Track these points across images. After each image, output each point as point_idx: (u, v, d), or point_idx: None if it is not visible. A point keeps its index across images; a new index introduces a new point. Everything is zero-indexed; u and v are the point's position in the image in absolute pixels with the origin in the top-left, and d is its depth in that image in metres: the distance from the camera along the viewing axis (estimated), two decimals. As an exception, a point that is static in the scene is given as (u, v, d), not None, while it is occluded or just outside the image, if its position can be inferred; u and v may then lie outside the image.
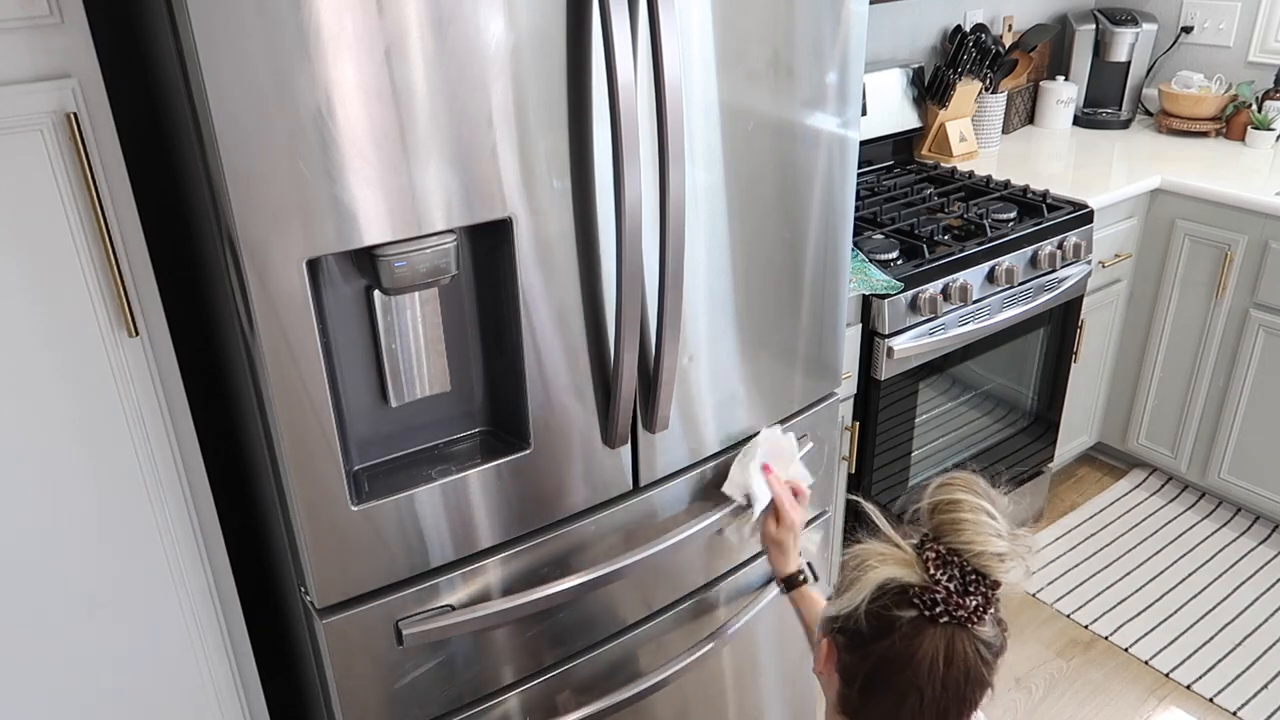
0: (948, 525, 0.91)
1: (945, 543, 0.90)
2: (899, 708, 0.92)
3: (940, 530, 0.91)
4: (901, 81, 2.59)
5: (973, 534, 0.90)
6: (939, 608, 0.89)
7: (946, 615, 0.89)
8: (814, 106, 1.40)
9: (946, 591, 0.89)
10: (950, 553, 0.90)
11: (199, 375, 1.33)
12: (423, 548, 1.24)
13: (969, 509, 0.91)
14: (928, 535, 0.93)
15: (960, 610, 0.89)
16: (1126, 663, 2.24)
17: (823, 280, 1.54)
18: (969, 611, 0.89)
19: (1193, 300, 2.55)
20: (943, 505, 0.92)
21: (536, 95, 1.12)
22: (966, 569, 0.89)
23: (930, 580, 0.89)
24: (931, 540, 0.91)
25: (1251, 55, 2.89)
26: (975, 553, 0.89)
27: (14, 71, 1.00)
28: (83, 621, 1.22)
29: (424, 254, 1.11)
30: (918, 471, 2.24)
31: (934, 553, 0.90)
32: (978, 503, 0.91)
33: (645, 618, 1.54)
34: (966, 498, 0.91)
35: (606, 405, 1.33)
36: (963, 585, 0.89)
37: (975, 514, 0.91)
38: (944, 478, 0.95)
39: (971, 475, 0.95)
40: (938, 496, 0.93)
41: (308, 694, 1.43)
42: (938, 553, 0.90)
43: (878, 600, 0.91)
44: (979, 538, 0.89)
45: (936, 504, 0.93)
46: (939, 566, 0.89)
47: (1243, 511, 2.71)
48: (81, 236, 1.08)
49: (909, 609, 0.90)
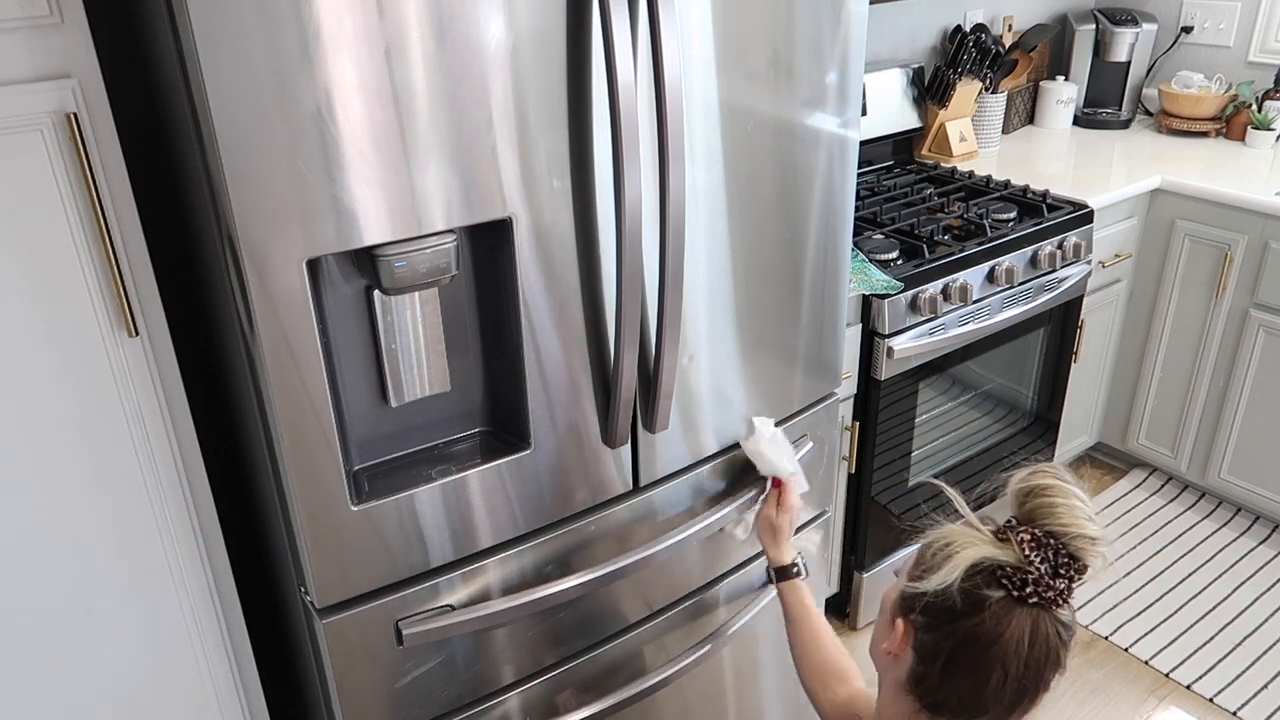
0: (1043, 509, 0.92)
1: (1041, 525, 0.92)
2: (982, 685, 0.93)
3: (1035, 514, 0.93)
4: (901, 81, 2.59)
5: (1070, 517, 0.91)
6: (1029, 589, 0.90)
7: (1036, 596, 0.90)
8: (814, 106, 1.40)
9: (1039, 573, 0.90)
10: (1047, 535, 0.91)
11: (199, 375, 1.33)
12: (423, 548, 1.24)
13: (1062, 494, 0.93)
14: (1015, 521, 0.94)
15: (1050, 591, 0.91)
16: (1126, 663, 2.24)
17: (823, 280, 1.54)
18: (1057, 593, 0.91)
19: (1193, 300, 2.55)
20: (1037, 490, 0.94)
21: (536, 95, 1.12)
22: (1060, 552, 0.91)
23: (1024, 561, 0.91)
24: (1023, 524, 0.93)
25: (1251, 55, 2.89)
26: (1073, 535, 0.91)
27: (14, 71, 1.00)
28: (83, 621, 1.22)
29: (424, 254, 1.11)
30: (918, 471, 2.24)
31: (1029, 534, 0.92)
32: (1070, 488, 0.93)
33: (645, 618, 1.54)
34: (1059, 483, 0.93)
35: (606, 405, 1.33)
36: (1054, 568, 0.91)
37: (1069, 498, 0.92)
38: (1029, 469, 0.97)
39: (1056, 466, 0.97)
40: (1029, 483, 0.94)
41: (308, 694, 1.43)
42: (1033, 535, 0.91)
43: (969, 579, 0.93)
44: (1076, 520, 0.91)
45: (1029, 489, 0.94)
46: (1034, 548, 0.91)
47: (1243, 511, 2.71)
48: (81, 236, 1.08)
49: (998, 589, 0.91)
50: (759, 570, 1.68)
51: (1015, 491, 0.96)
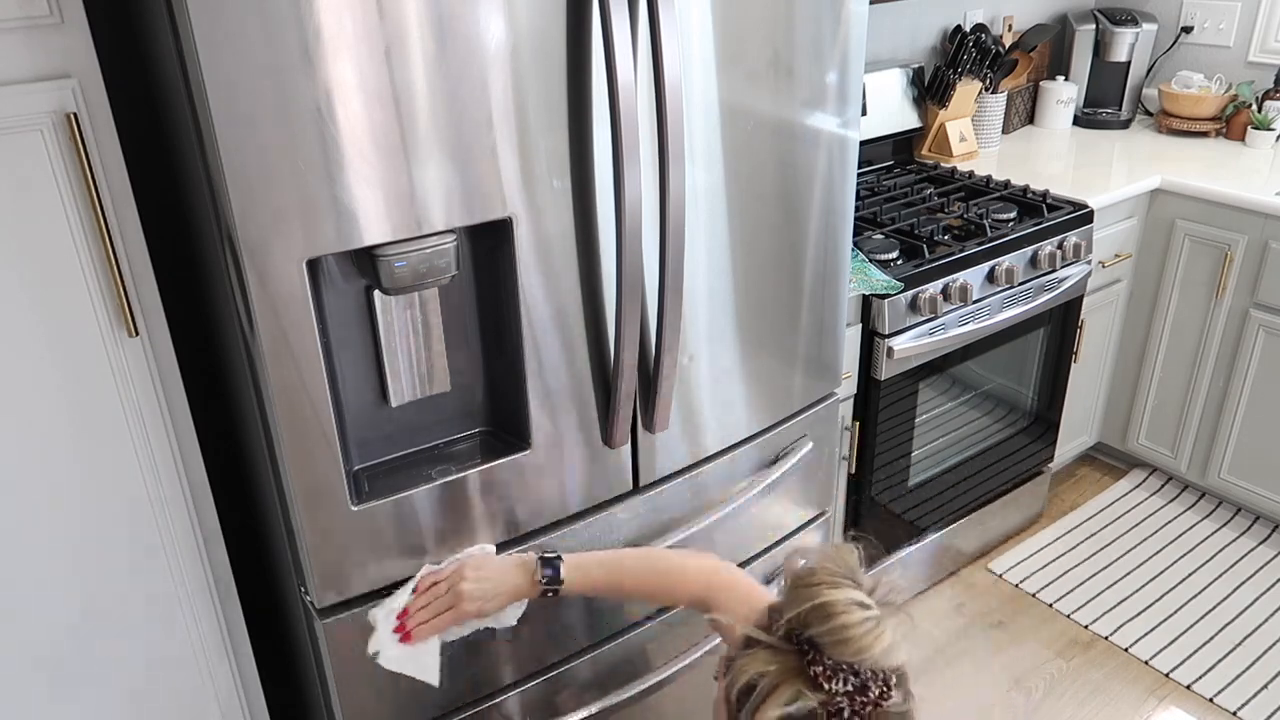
0: (827, 638, 0.87)
1: (832, 656, 0.86)
2: None
3: (820, 642, 0.87)
4: (901, 81, 2.59)
5: (857, 643, 0.86)
6: (845, 712, 0.86)
7: (855, 716, 0.87)
8: (814, 106, 1.40)
9: (848, 697, 0.86)
10: (841, 664, 0.86)
11: (199, 375, 1.33)
12: (423, 548, 1.24)
13: (841, 610, 0.87)
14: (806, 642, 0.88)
15: (867, 704, 0.87)
16: (1126, 663, 2.24)
17: (823, 280, 1.54)
18: (873, 699, 0.87)
19: (1193, 300, 2.55)
20: (813, 613, 0.88)
21: (536, 95, 1.12)
22: (861, 673, 0.87)
23: (829, 695, 0.86)
24: (813, 650, 0.87)
25: (1251, 55, 2.89)
26: (868, 662, 0.87)
27: (14, 71, 1.00)
28: (82, 621, 1.22)
29: (424, 254, 1.11)
30: (918, 471, 2.24)
31: (823, 666, 0.86)
32: (845, 597, 0.88)
33: (645, 618, 1.54)
34: (835, 597, 0.88)
35: (606, 405, 1.33)
36: (860, 684, 0.87)
37: (849, 613, 0.87)
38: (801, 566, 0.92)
39: (825, 552, 0.92)
40: (803, 602, 0.89)
41: (308, 694, 1.43)
42: (826, 666, 0.86)
43: None
44: (865, 641, 0.86)
45: (805, 613, 0.88)
46: (830, 679, 0.86)
47: (1243, 511, 2.71)
48: (81, 236, 1.08)
49: None
50: (759, 570, 1.68)
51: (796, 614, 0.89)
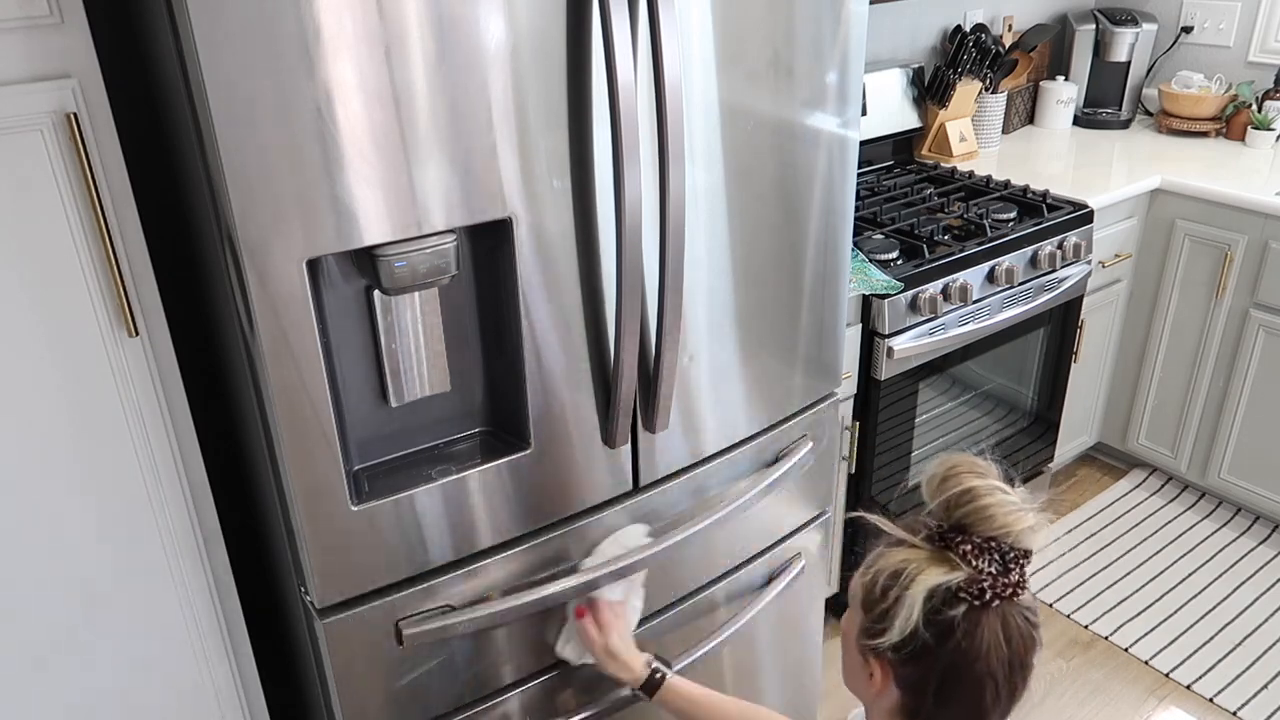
0: (974, 516, 0.91)
1: (978, 533, 0.91)
2: (979, 701, 0.93)
3: (966, 522, 0.92)
4: (901, 81, 2.59)
5: (1003, 519, 0.91)
6: (989, 594, 0.90)
7: (996, 598, 0.91)
8: (814, 106, 1.40)
9: (991, 578, 0.90)
10: (986, 541, 0.91)
11: (199, 375, 1.33)
12: (423, 548, 1.24)
13: (987, 493, 0.91)
14: (947, 528, 0.93)
15: (1007, 589, 0.91)
16: (1126, 663, 2.24)
17: (823, 280, 1.54)
18: (1014, 586, 0.91)
19: (1193, 300, 2.55)
20: (959, 498, 0.92)
21: (536, 95, 1.12)
22: (1005, 551, 0.91)
23: (973, 572, 0.90)
24: (959, 533, 0.92)
25: (1251, 55, 2.89)
26: (1012, 535, 0.91)
27: (14, 71, 1.00)
28: (82, 621, 1.22)
29: (424, 254, 1.11)
30: (918, 471, 2.24)
31: (970, 545, 0.91)
32: (991, 484, 0.92)
33: (645, 617, 1.54)
34: (978, 483, 0.92)
35: (606, 405, 1.33)
36: (1003, 566, 0.91)
37: (993, 495, 0.91)
38: (941, 467, 0.95)
39: (966, 456, 0.96)
40: (949, 490, 0.93)
41: (308, 694, 1.43)
42: (974, 544, 0.91)
43: (929, 609, 0.92)
44: (1009, 519, 0.91)
45: (951, 498, 0.93)
46: (978, 556, 0.91)
47: (1243, 511, 2.71)
48: (81, 236, 1.08)
49: (959, 605, 0.91)
50: (759, 570, 1.68)
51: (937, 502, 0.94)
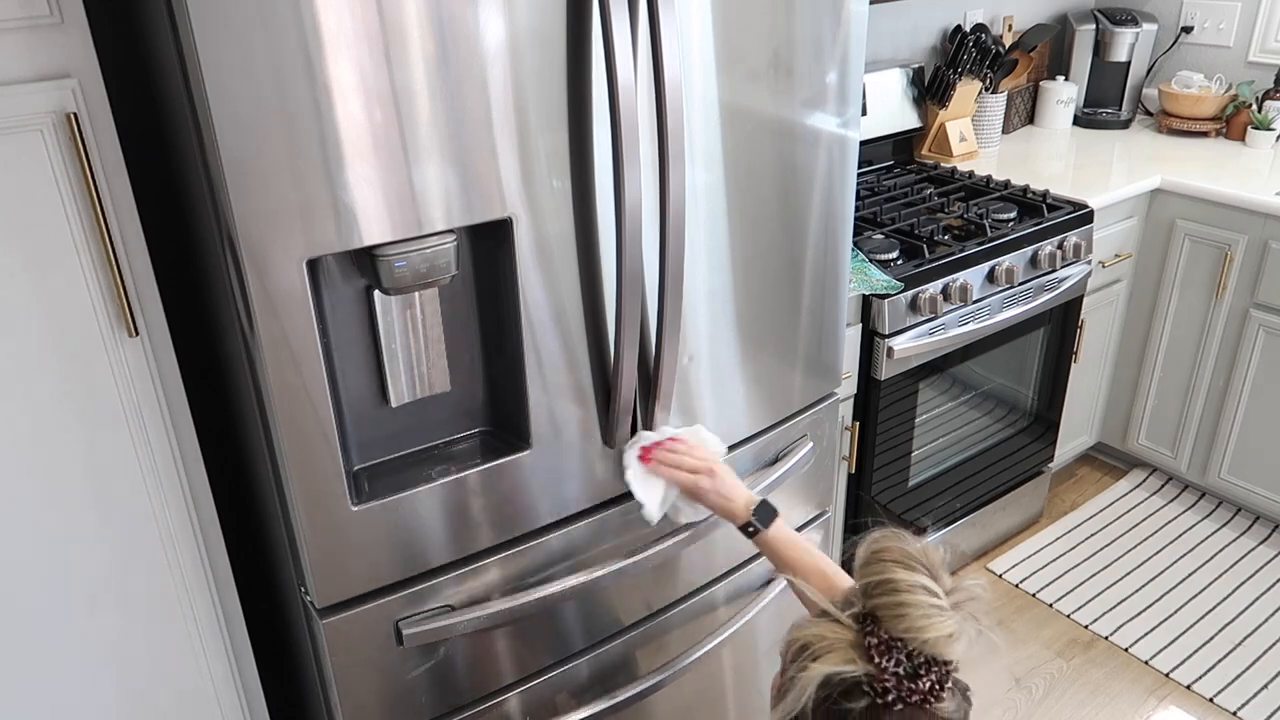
0: (886, 610, 0.85)
1: (887, 629, 0.84)
2: None
3: (879, 616, 0.85)
4: (901, 81, 2.59)
5: (915, 619, 0.83)
6: (890, 695, 0.83)
7: (900, 702, 0.83)
8: (814, 106, 1.40)
9: (896, 678, 0.83)
10: (894, 640, 0.84)
11: (199, 375, 1.33)
12: (423, 548, 1.24)
13: (905, 588, 0.84)
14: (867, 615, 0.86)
15: (914, 695, 0.84)
16: (1126, 663, 2.24)
17: (823, 280, 1.54)
18: (923, 693, 0.84)
19: (1193, 300, 2.55)
20: (877, 586, 0.86)
21: (536, 95, 1.12)
22: (914, 655, 0.84)
23: (877, 670, 0.84)
24: (872, 623, 0.85)
25: (1251, 55, 2.89)
26: (922, 640, 0.84)
27: (14, 71, 1.00)
28: (82, 621, 1.22)
29: (424, 254, 1.11)
30: (918, 471, 2.24)
31: (876, 639, 0.84)
32: (913, 580, 0.85)
33: (645, 618, 1.54)
34: (901, 576, 0.85)
35: (606, 405, 1.33)
36: (912, 669, 0.84)
37: (912, 593, 0.84)
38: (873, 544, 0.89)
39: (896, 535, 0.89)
40: (869, 576, 0.87)
41: (308, 694, 1.43)
42: (880, 639, 0.84)
43: (825, 698, 0.85)
44: (922, 622, 0.83)
45: (871, 585, 0.86)
46: (883, 654, 0.84)
47: (1243, 511, 2.71)
48: (81, 236, 1.08)
49: (860, 699, 0.84)
50: (759, 570, 1.68)
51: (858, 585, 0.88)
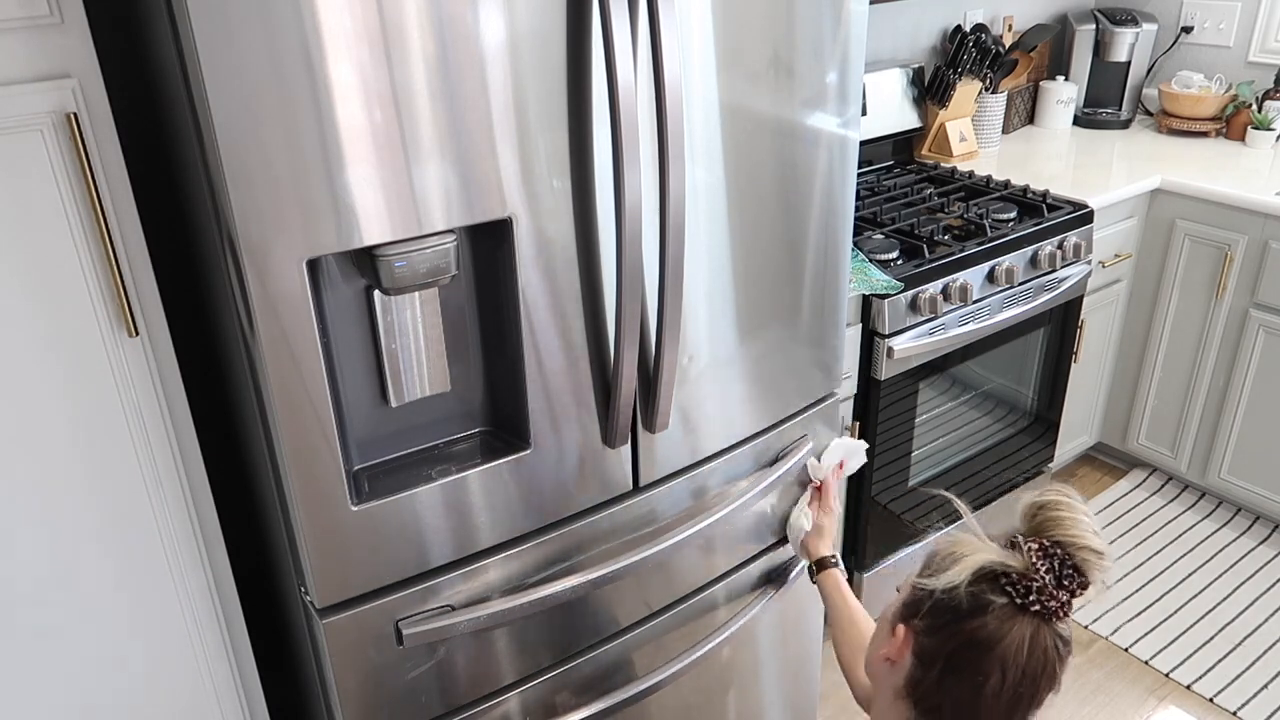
0: (1051, 521, 0.94)
1: (1049, 535, 0.94)
2: (978, 690, 0.94)
3: (1043, 525, 0.95)
4: (901, 81, 2.59)
5: (1076, 530, 0.93)
6: (1032, 596, 0.92)
7: (1038, 605, 0.92)
8: (814, 106, 1.40)
9: (1043, 582, 0.92)
10: (1053, 545, 0.93)
11: (199, 375, 1.33)
12: (423, 548, 1.24)
13: (1070, 509, 0.95)
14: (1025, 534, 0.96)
15: (1052, 601, 0.92)
16: (1126, 663, 2.24)
17: (823, 280, 1.54)
18: (1059, 604, 0.93)
19: (1193, 300, 2.55)
20: (1047, 505, 0.96)
21: (536, 95, 1.12)
22: (1066, 562, 0.93)
23: (1030, 569, 0.92)
24: (1032, 535, 0.95)
25: (1251, 55, 2.89)
26: (1079, 545, 0.93)
27: (14, 71, 1.00)
28: (82, 621, 1.22)
29: (424, 254, 1.11)
30: (918, 471, 2.24)
31: (1036, 544, 0.93)
32: (1078, 505, 0.96)
33: (645, 618, 1.54)
34: (1068, 499, 0.96)
35: (606, 405, 1.33)
36: (1058, 579, 0.92)
37: (1076, 513, 0.95)
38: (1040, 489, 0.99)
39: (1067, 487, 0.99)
40: (1040, 499, 0.97)
41: (308, 693, 1.43)
42: (1040, 544, 0.93)
43: (976, 582, 0.94)
44: (1083, 533, 0.93)
45: (1040, 504, 0.96)
46: (1040, 556, 0.93)
47: (1243, 511, 2.71)
48: (81, 236, 1.08)
49: (1002, 595, 0.93)
50: (759, 570, 1.68)
51: (1026, 506, 0.97)
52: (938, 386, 2.18)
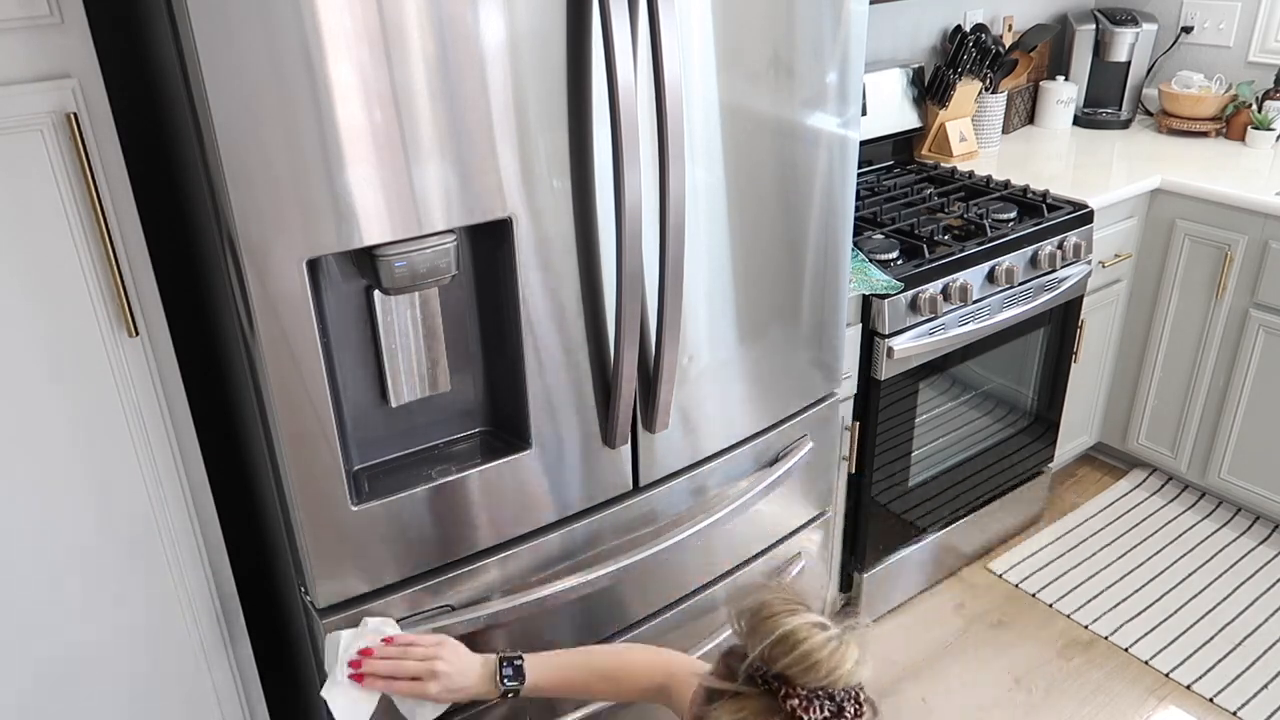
0: (797, 665, 0.86)
1: (803, 684, 0.87)
2: None
3: (790, 673, 0.87)
4: (901, 81, 2.59)
5: (828, 664, 0.86)
6: None
7: None
8: (814, 106, 1.40)
9: None
10: (815, 691, 0.87)
11: (199, 375, 1.33)
12: (423, 548, 1.24)
13: (804, 635, 0.86)
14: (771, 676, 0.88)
15: None
16: (1126, 663, 2.24)
17: (823, 280, 1.54)
18: None
19: (1193, 300, 2.55)
20: (779, 645, 0.87)
21: (536, 95, 1.12)
22: (835, 696, 0.87)
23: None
24: (783, 683, 0.87)
25: (1251, 55, 2.89)
26: (841, 682, 0.87)
27: (14, 71, 1.00)
28: (82, 621, 1.22)
29: (424, 254, 1.11)
30: (918, 471, 2.24)
31: (798, 699, 0.86)
32: (806, 622, 0.87)
33: (645, 617, 1.54)
34: (795, 624, 0.87)
35: (606, 405, 1.33)
36: (837, 707, 0.87)
37: (812, 637, 0.86)
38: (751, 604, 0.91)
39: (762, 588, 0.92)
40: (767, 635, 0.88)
41: (308, 694, 1.43)
42: (801, 697, 0.86)
43: None
44: (834, 662, 0.86)
45: (771, 646, 0.87)
46: (807, 709, 0.86)
47: (1243, 511, 2.71)
48: (81, 236, 1.08)
49: None
50: (759, 571, 1.68)
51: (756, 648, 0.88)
52: (938, 386, 2.18)
